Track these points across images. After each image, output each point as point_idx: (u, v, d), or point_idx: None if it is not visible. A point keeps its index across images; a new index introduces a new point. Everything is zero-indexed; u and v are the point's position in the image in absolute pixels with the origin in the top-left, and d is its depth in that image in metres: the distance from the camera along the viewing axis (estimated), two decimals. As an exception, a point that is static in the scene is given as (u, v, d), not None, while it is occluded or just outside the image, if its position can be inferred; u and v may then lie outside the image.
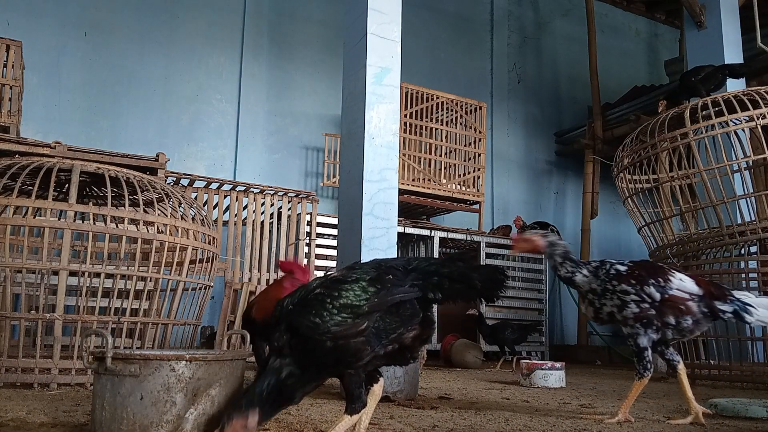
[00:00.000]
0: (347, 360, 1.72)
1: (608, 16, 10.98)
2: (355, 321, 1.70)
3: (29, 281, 3.63)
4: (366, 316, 1.71)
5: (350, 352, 1.70)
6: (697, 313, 2.44)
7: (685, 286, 2.46)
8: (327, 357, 1.69)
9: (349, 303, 1.71)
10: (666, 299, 2.43)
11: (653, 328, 2.44)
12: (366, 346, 1.71)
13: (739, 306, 2.42)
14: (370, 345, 1.72)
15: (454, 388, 3.84)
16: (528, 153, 9.96)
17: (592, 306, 2.55)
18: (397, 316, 1.76)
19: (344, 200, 4.48)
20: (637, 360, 2.47)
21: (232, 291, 5.34)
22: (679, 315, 2.43)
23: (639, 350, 2.45)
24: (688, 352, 4.72)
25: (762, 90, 4.48)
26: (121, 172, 3.27)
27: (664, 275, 2.47)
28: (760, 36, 6.80)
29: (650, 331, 2.44)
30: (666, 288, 2.43)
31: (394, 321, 1.76)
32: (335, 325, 1.68)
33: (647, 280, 2.45)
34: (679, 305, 2.43)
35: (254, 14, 8.11)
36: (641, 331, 2.45)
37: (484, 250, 7.31)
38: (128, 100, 7.27)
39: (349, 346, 1.70)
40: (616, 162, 5.16)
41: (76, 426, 2.00)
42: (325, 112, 8.27)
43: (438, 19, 9.51)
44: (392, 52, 4.40)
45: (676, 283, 2.45)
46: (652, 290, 2.43)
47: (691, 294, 2.45)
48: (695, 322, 2.45)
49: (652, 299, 2.42)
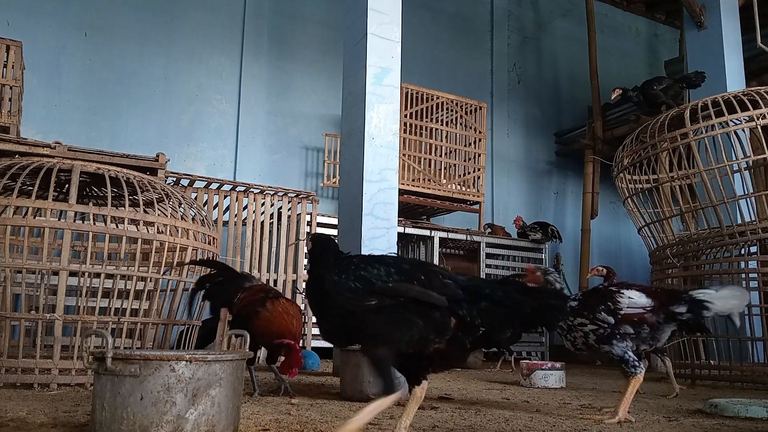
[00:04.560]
0: (358, 332, 1.79)
1: (608, 16, 10.98)
2: (366, 295, 1.76)
3: (29, 281, 3.63)
4: (377, 296, 1.76)
5: (362, 325, 1.78)
6: (654, 322, 2.61)
7: (635, 303, 2.64)
8: (337, 319, 1.83)
9: (366, 276, 1.80)
10: (620, 319, 2.62)
11: (619, 339, 2.63)
12: (379, 328, 1.76)
13: (694, 304, 2.57)
14: (383, 329, 1.75)
15: (454, 388, 3.84)
16: (528, 153, 9.96)
17: (568, 341, 2.79)
18: (421, 318, 1.76)
19: (344, 200, 4.48)
20: (623, 365, 2.61)
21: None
22: (636, 326, 2.62)
23: (620, 358, 2.62)
24: (689, 352, 4.72)
25: (762, 90, 4.48)
26: (121, 173, 3.27)
27: (613, 298, 2.66)
28: (760, 36, 6.80)
29: (620, 341, 2.63)
30: (617, 310, 2.63)
31: (418, 321, 1.76)
32: (348, 290, 1.79)
33: (598, 308, 2.66)
34: (633, 319, 2.61)
35: (254, 14, 8.10)
36: (613, 345, 2.63)
37: (484, 250, 7.32)
38: (128, 100, 7.27)
39: (360, 318, 1.78)
40: (616, 162, 5.16)
41: (76, 426, 2.00)
42: (325, 112, 8.27)
43: (438, 19, 9.51)
44: (392, 52, 4.40)
45: (626, 302, 2.64)
46: (604, 316, 2.64)
47: (644, 307, 2.63)
48: (654, 329, 2.62)
49: (607, 323, 2.63)
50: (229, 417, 1.85)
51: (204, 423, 1.76)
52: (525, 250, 7.68)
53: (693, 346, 4.73)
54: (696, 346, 4.79)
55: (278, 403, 2.79)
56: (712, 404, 2.85)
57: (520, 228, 7.80)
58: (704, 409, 2.90)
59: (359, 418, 1.76)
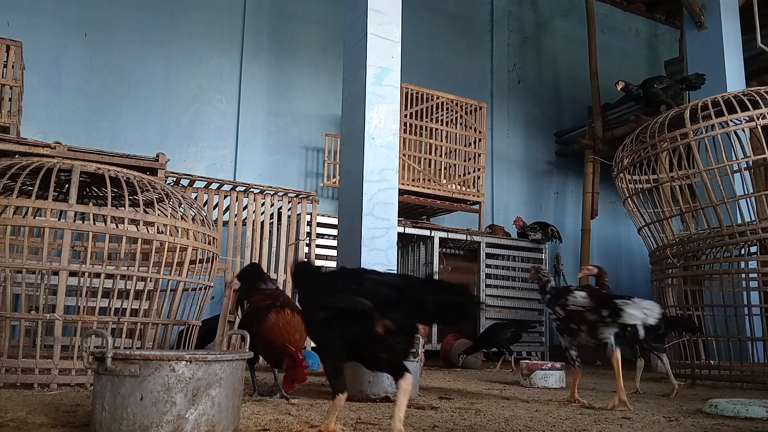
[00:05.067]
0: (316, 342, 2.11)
1: (608, 16, 10.98)
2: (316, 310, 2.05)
3: (29, 281, 3.62)
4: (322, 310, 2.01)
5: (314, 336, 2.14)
6: (591, 320, 3.13)
7: (578, 302, 3.19)
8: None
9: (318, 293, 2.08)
10: (568, 313, 3.20)
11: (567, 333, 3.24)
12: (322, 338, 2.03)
13: (613, 309, 3.10)
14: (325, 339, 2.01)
15: (454, 388, 3.84)
16: (528, 153, 9.96)
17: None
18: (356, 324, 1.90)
19: (344, 200, 4.48)
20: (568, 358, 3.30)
21: (232, 291, 5.35)
22: (577, 322, 3.17)
23: (565, 349, 3.30)
24: (689, 352, 4.72)
25: (762, 90, 4.48)
26: (121, 173, 3.27)
27: (565, 296, 3.24)
28: (760, 36, 6.80)
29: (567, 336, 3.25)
30: (566, 305, 3.22)
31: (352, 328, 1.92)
32: (307, 307, 2.18)
33: (556, 302, 3.28)
34: (575, 316, 3.18)
35: (254, 14, 8.10)
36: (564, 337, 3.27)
37: (484, 250, 7.32)
38: (128, 100, 7.27)
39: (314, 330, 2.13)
40: (616, 162, 5.16)
41: (77, 426, 2.00)
42: (325, 112, 8.27)
43: (438, 19, 9.51)
44: (392, 53, 4.40)
45: (572, 300, 3.20)
46: (557, 309, 3.27)
47: (585, 306, 3.16)
48: (591, 326, 3.13)
49: (558, 315, 3.26)
50: (229, 417, 1.85)
51: (204, 423, 1.76)
52: (525, 250, 7.68)
53: (693, 346, 4.73)
54: (696, 346, 4.78)
55: (278, 403, 2.79)
56: (712, 404, 2.85)
57: (520, 228, 7.80)
58: (704, 409, 2.90)
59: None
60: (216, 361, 1.82)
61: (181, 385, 1.74)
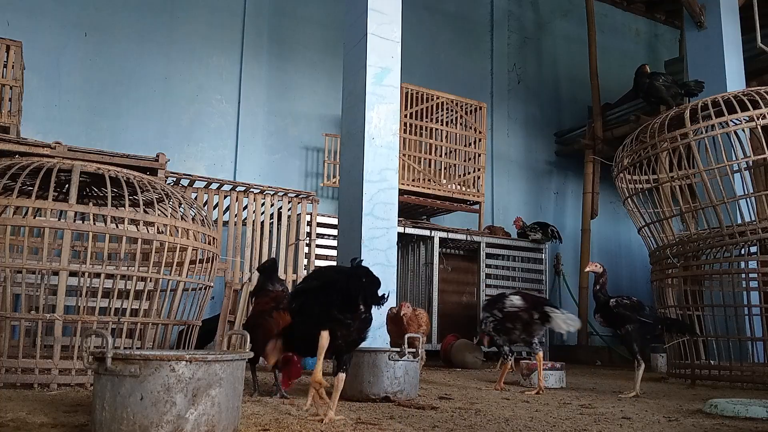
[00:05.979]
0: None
1: (608, 16, 10.98)
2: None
3: (29, 281, 3.63)
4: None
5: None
6: (525, 320, 3.68)
7: (514, 305, 3.72)
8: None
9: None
10: (505, 314, 3.73)
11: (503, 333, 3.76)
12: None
13: (543, 312, 3.66)
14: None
15: (454, 388, 3.84)
16: (528, 153, 9.96)
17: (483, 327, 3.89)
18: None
19: (344, 200, 4.48)
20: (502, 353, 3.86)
21: (232, 291, 5.35)
22: (512, 322, 3.71)
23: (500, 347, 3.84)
24: (689, 352, 4.71)
25: (762, 90, 4.48)
26: (121, 173, 3.27)
27: (502, 301, 3.78)
28: (760, 36, 6.80)
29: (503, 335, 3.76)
30: (503, 308, 3.75)
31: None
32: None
33: (494, 306, 3.80)
34: (512, 316, 3.71)
35: (254, 14, 8.10)
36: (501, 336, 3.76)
37: (484, 250, 7.32)
38: (128, 100, 7.27)
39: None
40: (616, 162, 5.16)
41: (76, 426, 2.00)
42: (325, 112, 8.27)
43: (438, 19, 9.51)
44: (392, 53, 4.40)
45: (508, 304, 3.74)
46: (495, 311, 3.77)
47: (519, 308, 3.70)
48: (525, 324, 3.69)
49: (496, 317, 3.76)
50: (229, 417, 1.85)
51: (204, 423, 1.76)
52: (525, 250, 7.68)
53: (693, 346, 4.73)
54: (696, 346, 4.78)
55: (278, 403, 2.79)
56: (712, 404, 2.85)
57: (520, 228, 7.80)
58: (704, 409, 2.90)
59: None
60: (216, 361, 1.82)
61: (181, 385, 1.74)
